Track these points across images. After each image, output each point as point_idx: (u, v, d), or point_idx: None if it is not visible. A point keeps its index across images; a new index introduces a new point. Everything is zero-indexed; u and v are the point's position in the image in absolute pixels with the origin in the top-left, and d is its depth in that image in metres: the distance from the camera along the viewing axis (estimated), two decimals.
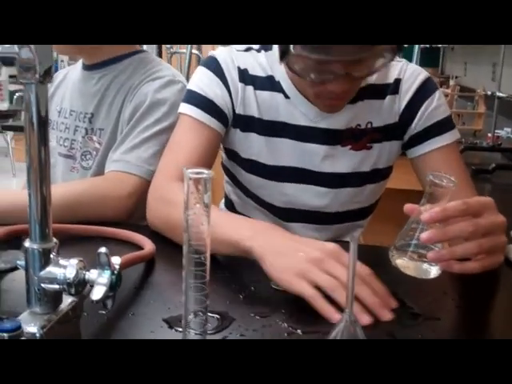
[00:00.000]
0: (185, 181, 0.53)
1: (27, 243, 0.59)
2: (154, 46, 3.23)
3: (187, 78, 3.17)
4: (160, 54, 3.29)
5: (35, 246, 0.58)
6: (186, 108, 1.15)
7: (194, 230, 0.55)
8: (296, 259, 0.78)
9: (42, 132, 0.57)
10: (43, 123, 0.56)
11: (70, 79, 1.46)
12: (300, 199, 1.21)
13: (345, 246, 0.63)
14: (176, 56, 3.77)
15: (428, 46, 4.63)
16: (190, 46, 3.07)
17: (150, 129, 1.25)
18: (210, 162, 1.14)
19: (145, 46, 3.47)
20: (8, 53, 0.53)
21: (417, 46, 3.46)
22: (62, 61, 9.59)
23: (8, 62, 0.53)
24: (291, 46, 0.94)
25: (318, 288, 0.75)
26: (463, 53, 4.57)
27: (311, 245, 0.81)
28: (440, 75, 4.83)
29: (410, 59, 3.49)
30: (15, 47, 0.53)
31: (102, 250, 0.61)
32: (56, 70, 5.98)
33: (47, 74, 0.54)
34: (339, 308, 0.73)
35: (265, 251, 0.81)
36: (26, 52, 0.53)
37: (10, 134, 5.89)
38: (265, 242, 0.83)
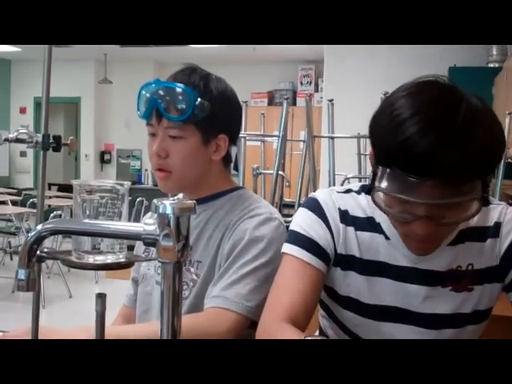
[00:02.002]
0: None
1: None
2: (241, 169, 3.37)
3: (273, 200, 3.28)
4: (244, 175, 3.42)
5: None
6: (290, 249, 1.19)
7: None
8: None
9: (176, 301, 0.62)
10: (176, 295, 0.62)
11: None
12: (398, 339, 1.20)
13: None
14: (260, 177, 3.92)
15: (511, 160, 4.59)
16: (276, 167, 3.18)
17: (248, 265, 1.28)
18: (314, 301, 1.17)
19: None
20: (151, 235, 0.60)
21: (502, 162, 3.45)
22: (146, 170, 10.13)
23: (150, 243, 0.60)
24: (377, 181, 0.99)
25: None
26: None
27: None
28: None
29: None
30: (157, 230, 0.60)
31: None
32: (140, 181, 6.22)
33: (183, 254, 0.60)
34: None
35: None
36: (166, 238, 0.59)
37: None
38: None
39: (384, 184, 0.98)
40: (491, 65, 5.55)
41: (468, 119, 0.94)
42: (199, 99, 1.29)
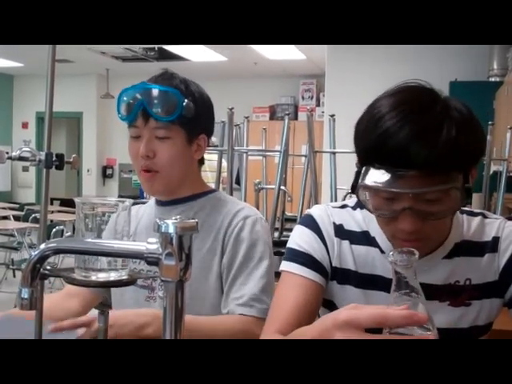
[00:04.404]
0: None
1: None
2: (243, 184, 3.37)
3: (275, 215, 3.28)
4: (246, 190, 3.41)
5: None
6: (288, 266, 1.20)
7: None
8: None
9: (178, 319, 0.62)
10: (179, 312, 0.62)
11: (144, 215, 1.53)
12: None
13: None
14: (262, 192, 3.92)
15: None
16: (278, 182, 3.18)
17: (260, 266, 1.36)
18: (314, 314, 1.17)
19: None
20: (153, 254, 0.61)
21: (504, 175, 3.44)
22: None
23: (153, 262, 0.61)
24: (360, 179, 1.02)
25: None
26: None
27: None
28: None
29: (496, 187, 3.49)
30: (159, 249, 0.60)
31: None
32: (142, 195, 6.07)
33: (185, 272, 0.61)
34: None
35: None
36: (169, 257, 0.59)
37: None
38: None
39: (367, 180, 1.01)
40: (492, 79, 5.57)
41: (442, 115, 0.98)
42: (186, 100, 1.34)
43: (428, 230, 1.08)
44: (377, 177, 1.00)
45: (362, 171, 1.03)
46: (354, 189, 1.05)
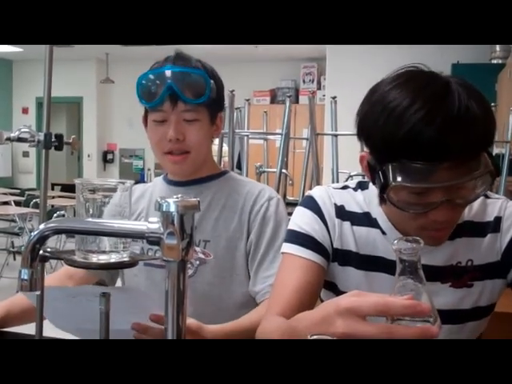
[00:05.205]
0: None
1: None
2: (244, 167, 3.37)
3: None
4: (248, 173, 3.41)
5: None
6: (288, 248, 1.19)
7: None
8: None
9: (181, 299, 0.62)
10: (181, 293, 0.61)
11: (155, 195, 1.52)
12: None
13: None
14: (264, 175, 3.92)
15: None
16: (279, 165, 3.17)
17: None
18: (315, 296, 1.17)
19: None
20: (155, 233, 0.60)
21: (507, 158, 3.43)
22: (149, 169, 10.13)
23: (154, 242, 0.60)
24: (391, 178, 0.98)
25: None
26: None
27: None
28: None
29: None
30: (161, 229, 0.59)
31: None
32: (142, 180, 6.22)
33: (187, 252, 0.60)
34: None
35: None
36: (170, 236, 0.59)
37: None
38: None
39: (398, 178, 0.97)
40: (494, 61, 5.54)
41: (464, 98, 0.96)
42: (211, 81, 1.34)
43: (458, 215, 1.08)
44: (407, 173, 0.97)
45: (390, 169, 0.99)
46: (385, 189, 1.00)
